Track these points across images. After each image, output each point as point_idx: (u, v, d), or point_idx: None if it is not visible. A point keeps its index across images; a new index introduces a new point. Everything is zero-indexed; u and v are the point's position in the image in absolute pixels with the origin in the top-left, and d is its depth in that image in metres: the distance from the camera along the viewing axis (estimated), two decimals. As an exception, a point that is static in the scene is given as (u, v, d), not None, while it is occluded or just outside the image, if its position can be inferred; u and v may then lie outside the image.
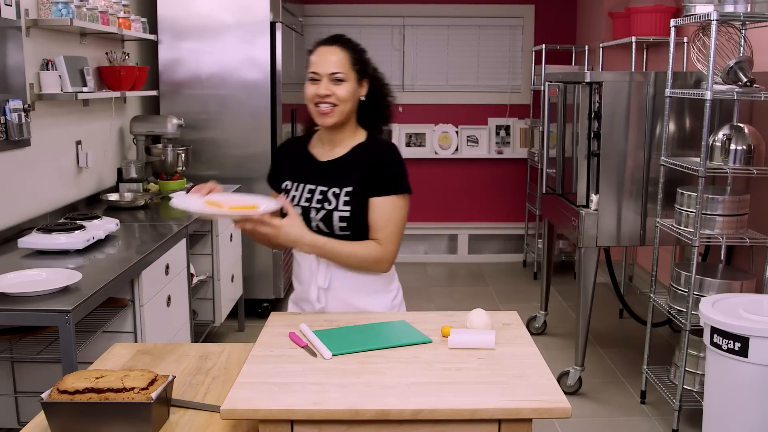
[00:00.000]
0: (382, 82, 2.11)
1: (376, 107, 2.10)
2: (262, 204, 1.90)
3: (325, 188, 2.01)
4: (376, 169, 1.99)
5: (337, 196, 1.99)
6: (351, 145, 2.06)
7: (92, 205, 3.66)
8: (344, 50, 1.99)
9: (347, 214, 1.97)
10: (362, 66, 2.03)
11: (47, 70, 3.18)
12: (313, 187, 2.03)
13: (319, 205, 2.00)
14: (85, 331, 2.47)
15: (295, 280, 2.14)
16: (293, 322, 1.89)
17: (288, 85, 4.79)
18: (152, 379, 1.51)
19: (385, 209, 1.99)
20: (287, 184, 2.08)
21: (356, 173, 2.00)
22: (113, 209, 3.62)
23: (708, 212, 3.03)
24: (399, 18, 6.02)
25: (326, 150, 2.08)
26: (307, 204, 2.01)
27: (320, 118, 2.00)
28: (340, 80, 1.97)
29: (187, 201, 1.93)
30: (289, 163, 2.12)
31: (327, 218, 1.99)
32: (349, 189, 1.99)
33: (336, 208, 1.98)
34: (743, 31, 3.09)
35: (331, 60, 1.97)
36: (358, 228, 1.99)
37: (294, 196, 2.05)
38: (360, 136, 2.07)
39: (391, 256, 2.02)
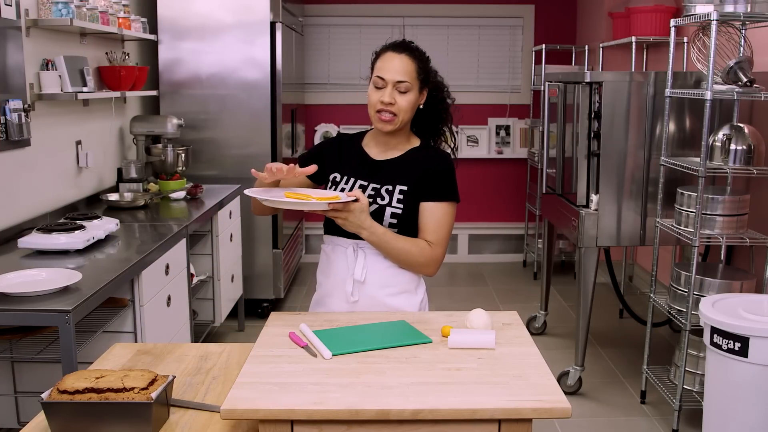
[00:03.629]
0: (440, 86, 2.14)
1: (432, 112, 2.14)
2: (340, 196, 1.95)
3: (378, 185, 2.06)
4: (432, 175, 2.05)
5: (390, 192, 2.04)
6: (406, 149, 2.11)
7: (92, 205, 3.66)
8: (412, 59, 2.03)
9: (399, 211, 2.02)
10: (426, 75, 2.07)
11: (47, 70, 3.18)
12: (365, 183, 2.07)
13: (371, 200, 2.03)
14: (85, 331, 2.47)
15: (322, 276, 2.15)
16: (293, 322, 1.89)
17: (288, 85, 4.80)
18: (152, 379, 1.51)
19: (437, 214, 2.05)
20: (336, 176, 2.12)
21: (411, 174, 2.05)
22: (113, 209, 3.62)
23: (708, 212, 3.03)
24: (399, 18, 6.02)
25: (380, 150, 2.13)
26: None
27: (380, 124, 2.04)
28: (405, 90, 2.00)
29: (265, 193, 1.96)
30: (341, 157, 2.14)
31: (378, 213, 2.02)
32: (404, 188, 2.04)
33: (389, 204, 2.03)
34: (743, 31, 3.09)
35: (399, 68, 2.00)
36: (405, 227, 2.04)
37: (343, 189, 2.08)
38: (415, 141, 2.14)
39: (440, 260, 2.07)
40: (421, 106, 2.09)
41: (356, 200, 1.94)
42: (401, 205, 2.03)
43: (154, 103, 4.62)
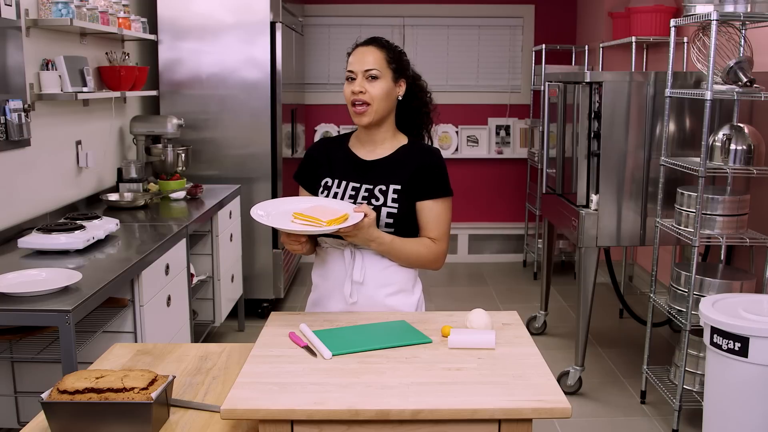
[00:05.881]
0: (422, 87, 2.16)
1: (414, 111, 2.15)
2: (348, 212, 1.93)
3: (370, 186, 2.05)
4: (425, 172, 2.05)
5: (384, 193, 2.03)
6: (394, 147, 2.11)
7: (92, 205, 3.66)
8: (379, 49, 2.05)
9: (395, 211, 2.01)
10: (399, 65, 2.07)
11: (47, 70, 3.18)
12: (357, 184, 2.06)
13: (365, 202, 2.03)
14: (85, 331, 2.47)
15: (318, 278, 2.14)
16: (293, 322, 1.89)
17: (288, 85, 4.80)
18: (152, 379, 1.51)
19: (435, 211, 2.06)
20: (327, 181, 2.11)
21: (403, 173, 2.05)
22: (113, 209, 3.62)
23: (708, 212, 3.03)
24: (399, 18, 6.02)
25: (368, 150, 2.12)
26: (351, 201, 2.04)
27: (356, 117, 2.04)
28: (375, 77, 2.01)
29: (274, 219, 1.94)
30: (329, 161, 2.14)
31: None
32: (397, 187, 2.03)
33: (384, 204, 2.02)
34: (743, 31, 3.09)
35: (366, 58, 2.03)
36: (402, 226, 2.03)
37: (336, 193, 2.07)
38: (402, 139, 2.13)
39: (445, 253, 2.09)
40: (399, 98, 2.09)
41: (365, 216, 1.93)
42: (396, 205, 2.02)
43: (154, 103, 4.62)
